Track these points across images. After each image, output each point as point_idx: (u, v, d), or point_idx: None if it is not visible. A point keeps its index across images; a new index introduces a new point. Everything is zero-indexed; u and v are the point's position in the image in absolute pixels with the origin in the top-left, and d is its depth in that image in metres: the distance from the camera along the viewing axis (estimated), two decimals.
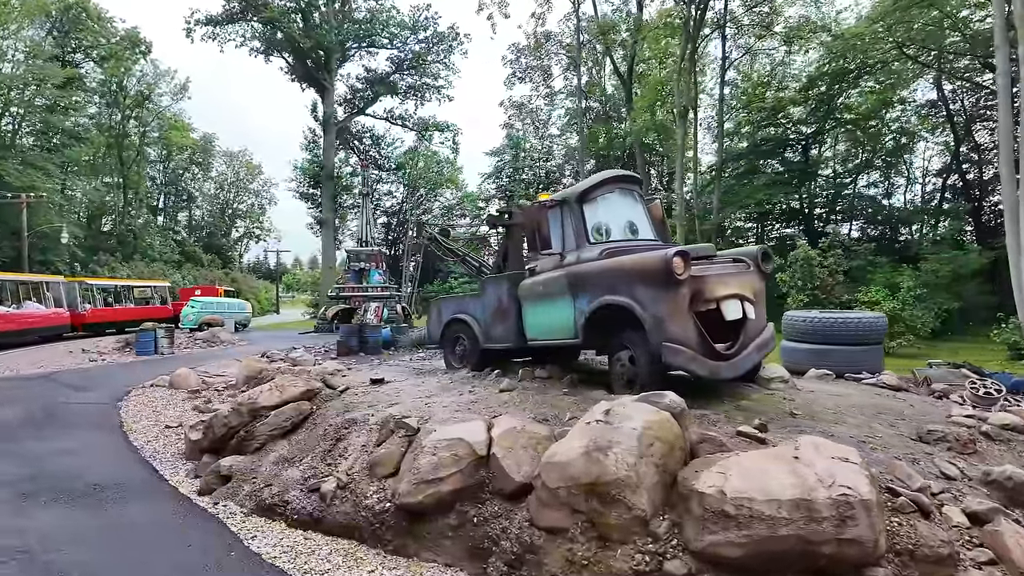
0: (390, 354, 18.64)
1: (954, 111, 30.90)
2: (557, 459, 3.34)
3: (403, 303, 31.30)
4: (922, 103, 31.51)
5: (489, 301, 6.98)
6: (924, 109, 31.34)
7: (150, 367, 15.33)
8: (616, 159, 44.13)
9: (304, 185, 46.77)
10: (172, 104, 56.95)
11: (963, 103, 31.58)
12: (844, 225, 29.41)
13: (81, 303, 23.87)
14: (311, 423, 5.90)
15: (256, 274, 72.82)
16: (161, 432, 7.88)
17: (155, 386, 11.72)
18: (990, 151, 31.63)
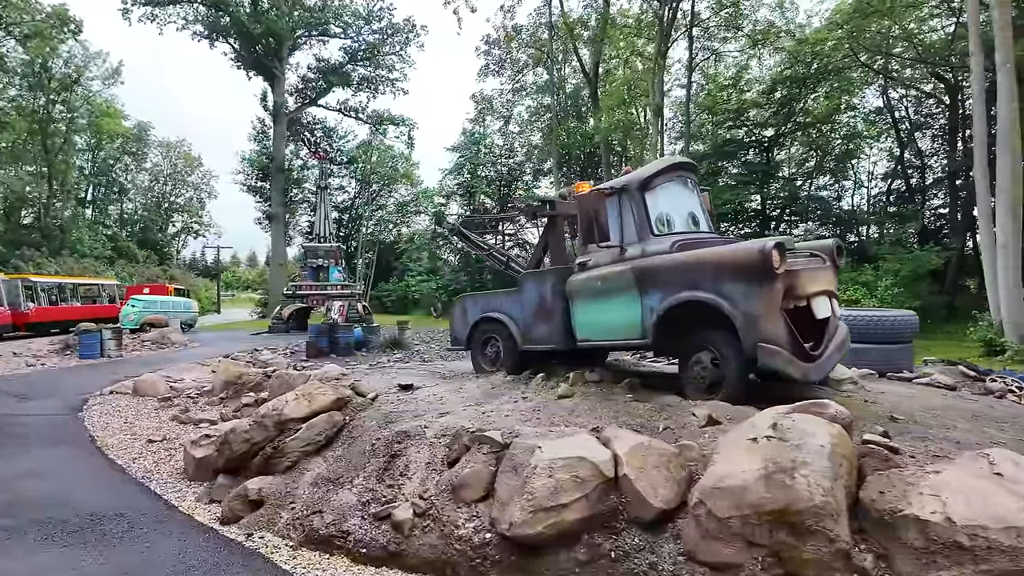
0: (363, 355, 17.73)
1: (899, 118, 32.37)
2: (728, 484, 2.84)
3: (363, 302, 30.16)
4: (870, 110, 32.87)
5: (529, 298, 6.40)
6: (871, 115, 32.68)
7: (99, 372, 13.94)
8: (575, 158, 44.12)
9: (252, 178, 44.51)
10: (103, 89, 53.21)
11: (907, 111, 33.14)
12: (799, 226, 30.24)
13: (24, 302, 22.60)
14: (347, 436, 5.19)
15: (194, 271, 69.05)
16: (145, 448, 6.92)
17: (116, 393, 10.54)
18: (931, 157, 33.41)
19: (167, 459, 6.46)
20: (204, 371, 13.74)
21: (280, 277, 41.12)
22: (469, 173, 39.41)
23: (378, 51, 46.01)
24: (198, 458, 5.62)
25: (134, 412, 9.04)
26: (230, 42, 42.86)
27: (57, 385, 11.87)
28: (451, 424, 4.74)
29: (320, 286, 28.68)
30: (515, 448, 3.79)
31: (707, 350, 5.00)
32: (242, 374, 10.17)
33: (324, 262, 29.07)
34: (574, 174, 43.69)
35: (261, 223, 45.40)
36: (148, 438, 7.30)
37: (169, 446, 6.99)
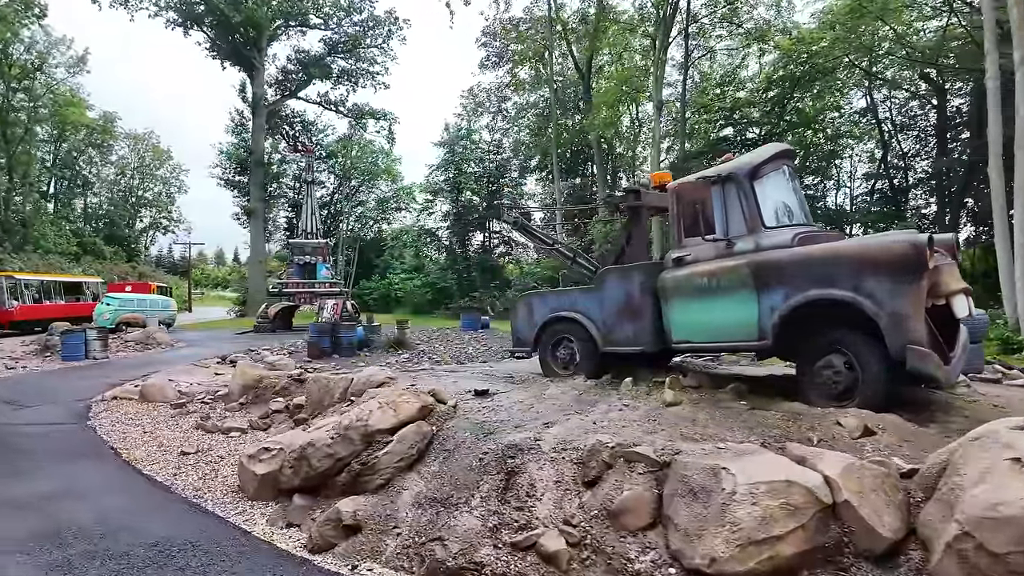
0: (366, 355, 17.04)
1: (881, 119, 32.83)
2: (1006, 513, 2.42)
3: (351, 300, 29.29)
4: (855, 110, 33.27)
5: (612, 296, 5.93)
6: (856, 116, 33.07)
7: (89, 375, 13.03)
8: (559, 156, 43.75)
9: (230, 171, 42.97)
10: (68, 77, 50.75)
11: (890, 112, 33.65)
12: None
13: (8, 299, 22.48)
14: (439, 449, 4.66)
15: (162, 268, 66.63)
16: (180, 461, 6.24)
17: (121, 399, 9.73)
18: (914, 158, 33.98)
19: (211, 474, 5.80)
20: (206, 374, 12.94)
21: (259, 274, 39.89)
22: (456, 169, 38.70)
23: (359, 43, 44.93)
24: (260, 475, 5.00)
25: (150, 420, 8.29)
26: (205, 31, 41.36)
27: (48, 390, 10.97)
28: (567, 437, 4.25)
29: (307, 284, 27.73)
30: (684, 469, 3.32)
31: (839, 352, 4.61)
32: (262, 377, 9.49)
33: (311, 259, 28.13)
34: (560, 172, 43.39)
35: (239, 218, 43.93)
36: (180, 450, 6.61)
37: (206, 459, 6.32)
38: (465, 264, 37.79)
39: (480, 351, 17.28)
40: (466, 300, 36.83)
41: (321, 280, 28.04)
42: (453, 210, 38.58)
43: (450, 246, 40.92)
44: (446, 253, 41.05)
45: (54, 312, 23.88)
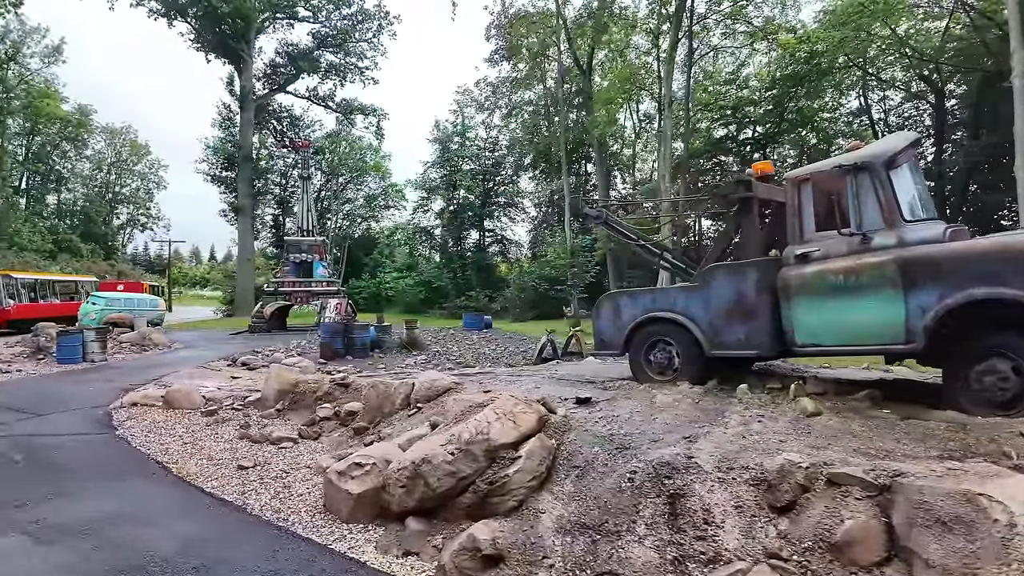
0: (379, 356, 16.42)
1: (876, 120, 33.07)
2: None
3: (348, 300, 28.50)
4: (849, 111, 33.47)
5: (721, 295, 5.49)
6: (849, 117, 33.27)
7: (94, 380, 12.24)
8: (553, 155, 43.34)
9: (217, 167, 41.71)
10: (42, 68, 48.91)
11: (885, 113, 33.94)
12: None
13: (5, 298, 22.62)
14: (566, 465, 4.19)
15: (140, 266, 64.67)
16: (242, 477, 5.65)
17: (143, 406, 9.04)
18: None
19: (284, 491, 5.23)
20: (220, 377, 12.22)
21: (248, 273, 38.83)
22: (451, 166, 38.06)
23: (349, 37, 44.02)
24: (356, 494, 4.46)
25: (184, 429, 7.65)
26: (190, 22, 40.11)
27: (56, 396, 10.19)
28: (726, 454, 3.81)
29: (304, 283, 26.92)
30: (922, 494, 2.89)
31: (1004, 357, 4.23)
32: (298, 382, 8.89)
33: (307, 257, 27.32)
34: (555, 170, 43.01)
35: (226, 215, 42.67)
36: (236, 463, 6.02)
37: (269, 473, 5.74)
38: (461, 263, 37.16)
39: (499, 352, 16.79)
40: (462, 299, 36.26)
41: (318, 279, 27.26)
42: (449, 208, 37.91)
43: (445, 244, 40.25)
44: (441, 252, 40.35)
45: (49, 311, 23.52)
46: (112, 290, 27.43)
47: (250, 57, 39.20)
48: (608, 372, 7.25)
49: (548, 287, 33.22)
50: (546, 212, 39.16)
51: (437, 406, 6.23)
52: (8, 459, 6.34)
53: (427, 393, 6.68)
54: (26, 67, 46.92)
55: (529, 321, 31.00)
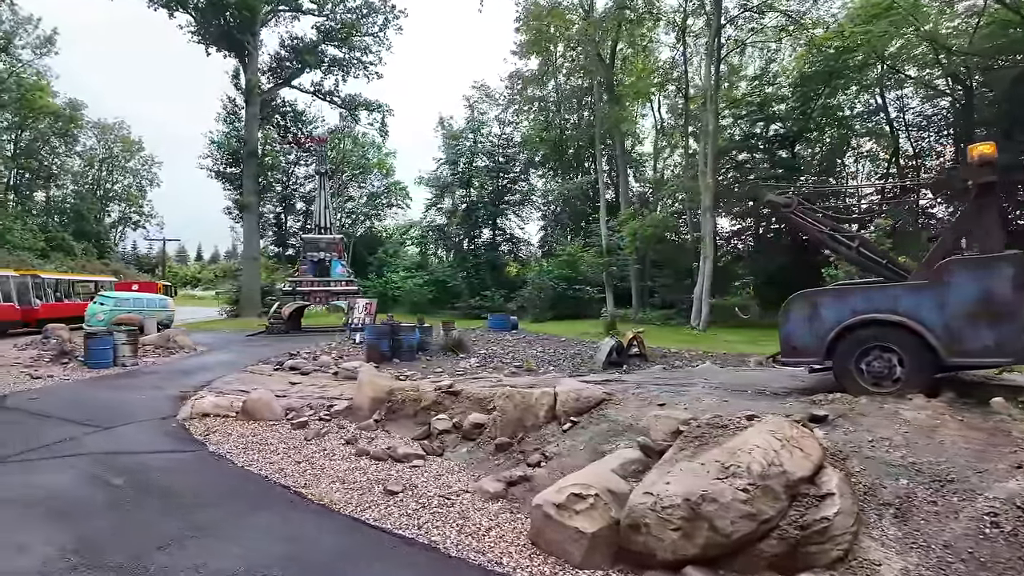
0: (427, 359, 15.62)
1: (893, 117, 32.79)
2: None
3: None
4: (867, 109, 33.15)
5: (961, 294, 4.82)
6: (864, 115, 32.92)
7: (135, 386, 11.45)
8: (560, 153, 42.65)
9: (221, 163, 40.46)
10: (34, 60, 47.21)
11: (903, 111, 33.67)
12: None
13: (34, 298, 23.14)
14: (872, 502, 3.51)
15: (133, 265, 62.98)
16: (397, 504, 4.91)
17: (217, 416, 8.23)
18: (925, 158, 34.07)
19: (465, 524, 4.47)
20: (275, 383, 11.39)
21: (254, 272, 37.71)
22: (466, 163, 37.21)
23: (355, 31, 43.00)
24: (590, 533, 3.73)
25: (283, 443, 6.88)
26: (192, 12, 38.87)
27: (108, 405, 9.32)
28: None
29: (322, 282, 26.02)
30: None
31: None
32: (393, 389, 8.13)
33: (326, 255, 26.41)
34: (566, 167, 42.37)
35: (231, 212, 41.44)
36: (380, 486, 5.27)
37: (427, 500, 4.98)
38: (475, 262, 36.30)
39: (550, 355, 16.05)
40: (476, 299, 35.49)
41: (337, 278, 26.35)
42: (463, 205, 37.00)
43: (459, 243, 39.37)
44: (455, 250, 39.44)
45: (72, 310, 23.89)
46: (127, 290, 26.43)
47: (255, 50, 38.09)
48: (767, 380, 6.58)
49: (566, 287, 32.61)
50: (559, 210, 38.34)
51: (605, 421, 5.52)
52: (104, 482, 5.54)
53: (576, 405, 5.97)
54: (17, 58, 45.29)
55: (549, 321, 30.34)
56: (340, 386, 11.01)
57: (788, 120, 27.86)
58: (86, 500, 5.06)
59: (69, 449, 6.72)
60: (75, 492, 5.26)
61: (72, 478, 5.67)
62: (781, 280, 27.92)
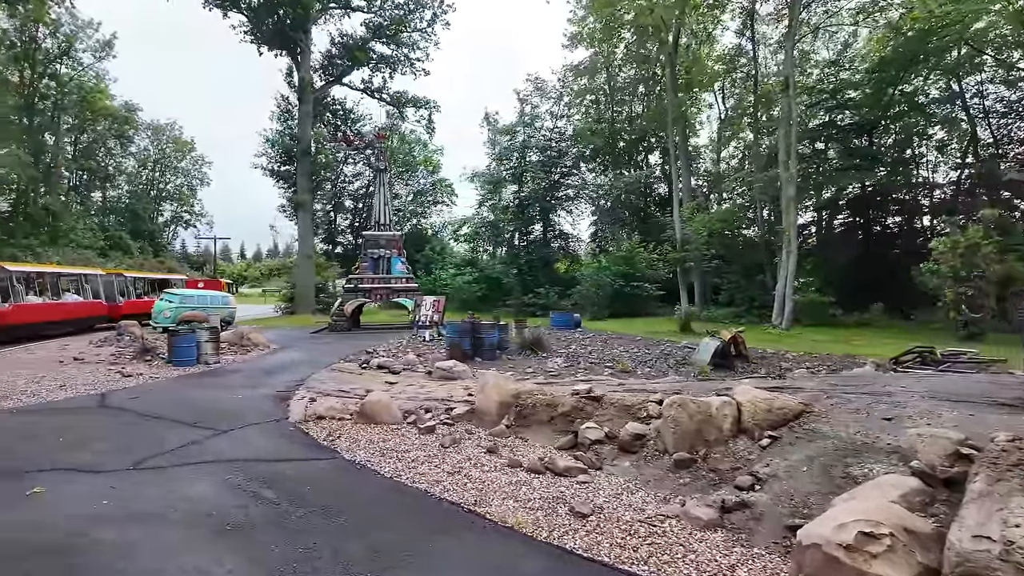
0: (508, 358, 15.08)
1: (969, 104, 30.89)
2: None
3: None
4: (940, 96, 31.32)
5: None
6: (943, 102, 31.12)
7: (228, 384, 11.18)
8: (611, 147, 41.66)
9: (276, 161, 40.77)
10: (94, 63, 48.45)
11: (981, 99, 31.71)
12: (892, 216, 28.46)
13: (117, 295, 25.02)
14: None
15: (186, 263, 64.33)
16: (595, 529, 4.30)
17: (332, 419, 7.79)
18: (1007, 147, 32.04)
19: (691, 558, 3.84)
20: (369, 383, 10.96)
21: (308, 270, 37.88)
22: (519, 158, 36.61)
23: (404, 27, 42.80)
24: None
25: (421, 452, 6.35)
26: (245, 11, 39.20)
27: (211, 406, 8.99)
28: None
29: (383, 279, 25.75)
30: None
31: None
32: (520, 393, 7.55)
33: (386, 252, 26.11)
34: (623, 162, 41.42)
35: (285, 211, 41.74)
36: (568, 507, 4.67)
37: (625, 525, 4.36)
38: (527, 258, 35.65)
39: (635, 354, 15.31)
40: (530, 296, 34.92)
41: (397, 275, 26.05)
42: (515, 200, 36.38)
43: (511, 239, 38.79)
44: (507, 247, 38.85)
45: (149, 307, 24.78)
46: (193, 288, 26.91)
47: (307, 47, 38.18)
48: (983, 389, 5.76)
49: (623, 284, 31.78)
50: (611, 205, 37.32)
51: (819, 437, 4.81)
52: (252, 494, 5.08)
53: (769, 417, 5.27)
54: (78, 62, 46.51)
55: (607, 319, 29.54)
56: (440, 386, 10.52)
57: (863, 108, 26.41)
58: (244, 516, 4.59)
59: (196, 455, 6.34)
60: (227, 506, 4.81)
61: (216, 489, 5.25)
62: (854, 275, 26.62)
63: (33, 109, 43.58)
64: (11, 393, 9.92)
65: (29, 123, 43.02)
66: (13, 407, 8.94)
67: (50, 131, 45.47)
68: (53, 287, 22.14)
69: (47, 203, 42.95)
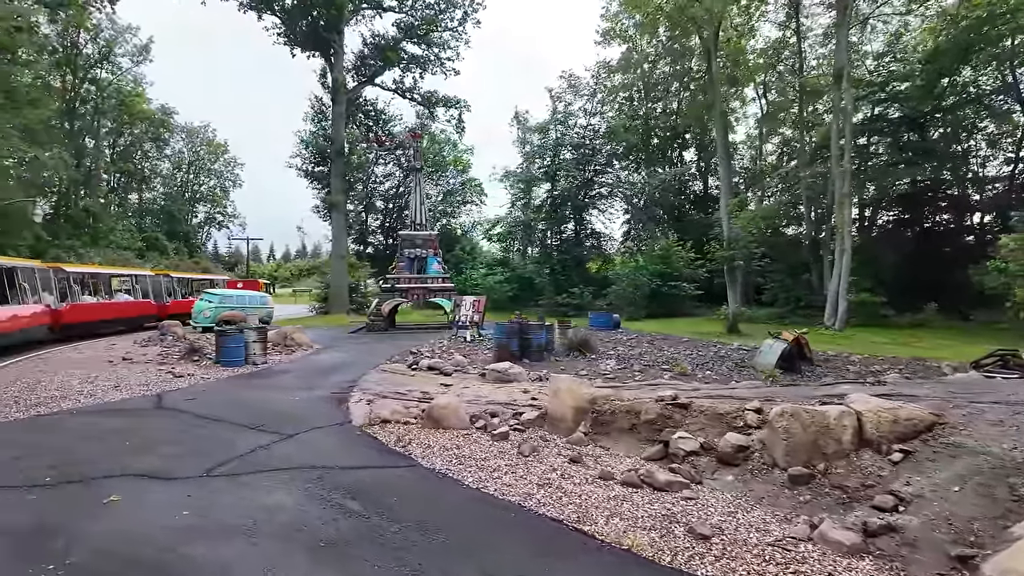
0: (556, 360, 14.71)
1: None
2: None
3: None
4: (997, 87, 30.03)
5: None
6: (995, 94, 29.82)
7: (279, 385, 11.05)
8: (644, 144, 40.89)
9: (310, 162, 40.95)
10: (132, 67, 49.35)
11: None
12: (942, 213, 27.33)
13: (165, 295, 25.96)
14: None
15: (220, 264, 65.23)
16: (722, 554, 3.88)
17: (397, 423, 7.52)
18: None
19: None
20: (423, 385, 10.68)
21: (342, 270, 37.95)
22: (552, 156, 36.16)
23: (435, 26, 42.69)
24: None
25: (501, 460, 6.02)
26: (279, 13, 39.48)
27: (267, 408, 8.80)
28: None
29: (420, 279, 25.57)
30: None
31: None
32: (596, 398, 7.17)
33: (422, 252, 25.94)
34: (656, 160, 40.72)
35: (319, 211, 41.92)
36: (686, 527, 4.27)
37: (748, 546, 3.95)
38: (561, 257, 35.16)
39: (688, 356, 14.80)
40: (563, 296, 34.47)
41: (433, 275, 25.86)
42: (548, 199, 35.91)
43: (543, 238, 38.37)
44: (540, 246, 38.43)
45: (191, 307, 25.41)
46: (233, 289, 27.28)
47: (341, 48, 38.28)
48: None
49: (660, 283, 31.18)
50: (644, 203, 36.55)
51: (966, 453, 4.34)
52: (336, 505, 4.78)
53: (896, 429, 4.81)
54: (117, 66, 47.40)
55: (646, 320, 28.97)
56: (497, 389, 10.20)
57: (913, 100, 25.37)
58: (335, 531, 4.29)
59: (266, 460, 6.09)
60: (314, 518, 4.52)
61: (296, 498, 4.97)
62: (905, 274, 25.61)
63: (74, 113, 44.51)
64: (68, 393, 9.88)
65: (70, 127, 43.96)
66: (72, 407, 8.86)
67: (90, 134, 46.35)
68: (105, 287, 22.99)
69: (87, 205, 43.83)
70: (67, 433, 7.28)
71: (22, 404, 9.00)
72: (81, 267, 23.11)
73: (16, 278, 16.42)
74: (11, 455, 6.13)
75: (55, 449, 6.44)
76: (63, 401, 9.29)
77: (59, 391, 10.03)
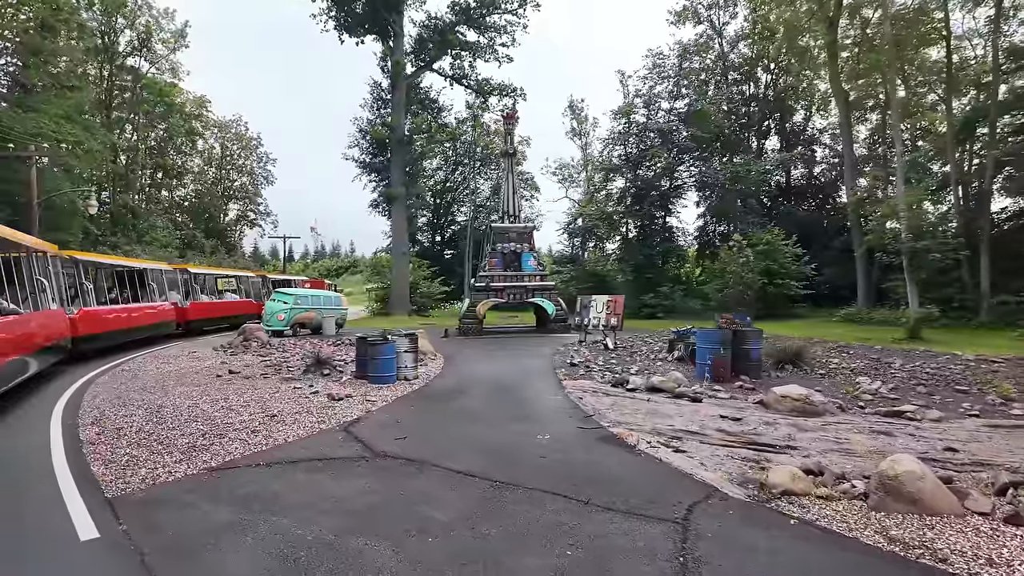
0: (778, 376, 11.79)
1: None
2: None
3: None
4: None
5: None
6: None
7: (474, 413, 8.14)
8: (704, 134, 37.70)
9: (367, 152, 38.23)
10: (169, 55, 46.70)
11: None
12: None
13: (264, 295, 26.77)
14: None
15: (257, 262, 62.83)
16: None
17: (807, 495, 4.66)
18: None
19: None
20: (672, 408, 7.83)
21: (403, 268, 35.24)
22: (638, 141, 33.20)
23: (495, 8, 39.85)
24: None
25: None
26: None
27: (521, 453, 6.00)
28: None
29: (515, 277, 22.75)
30: None
31: None
32: None
33: (517, 247, 23.10)
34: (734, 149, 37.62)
35: (378, 205, 39.20)
36: None
37: None
38: (647, 253, 32.17)
39: (934, 375, 11.81)
40: (650, 296, 31.52)
41: (530, 272, 23.02)
42: (631, 189, 32.90)
43: (626, 233, 35.38)
44: (622, 241, 35.44)
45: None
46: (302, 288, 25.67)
47: (401, 30, 35.55)
48: None
49: (766, 281, 28.22)
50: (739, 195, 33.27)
51: None
52: None
53: None
54: (156, 54, 44.91)
55: (755, 322, 25.93)
56: (807, 423, 7.32)
57: None
58: None
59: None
60: None
61: None
62: None
63: (111, 105, 42.12)
64: (217, 426, 7.15)
65: (107, 118, 41.54)
66: (244, 452, 6.12)
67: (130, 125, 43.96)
68: (211, 287, 24.62)
69: (127, 200, 41.45)
70: (289, 513, 4.46)
71: (174, 446, 6.29)
72: (200, 268, 25.13)
73: (146, 278, 18.14)
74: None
75: (283, 556, 3.62)
76: (223, 441, 6.56)
77: (206, 424, 7.31)
